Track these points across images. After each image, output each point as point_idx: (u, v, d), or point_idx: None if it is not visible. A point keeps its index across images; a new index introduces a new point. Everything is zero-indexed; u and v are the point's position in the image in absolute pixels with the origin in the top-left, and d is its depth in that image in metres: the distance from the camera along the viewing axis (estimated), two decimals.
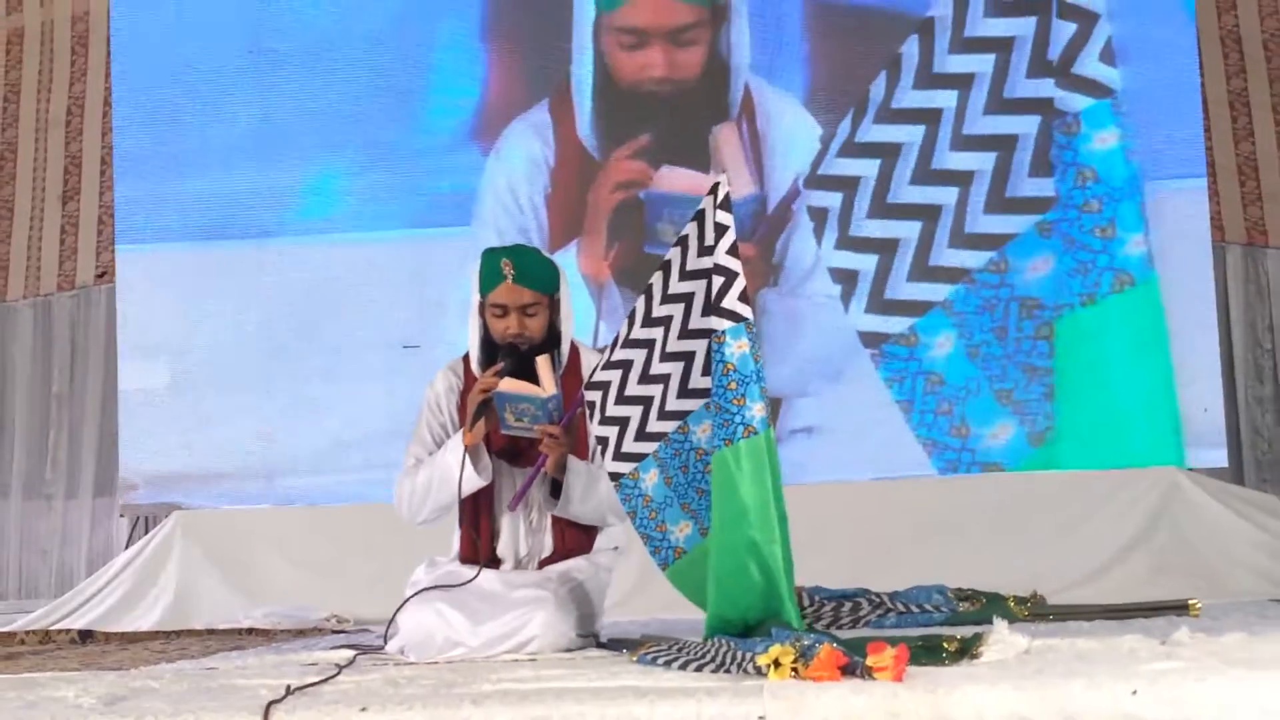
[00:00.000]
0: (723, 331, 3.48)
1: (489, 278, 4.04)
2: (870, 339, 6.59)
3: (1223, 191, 7.29)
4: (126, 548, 7.08)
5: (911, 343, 6.57)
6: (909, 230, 6.58)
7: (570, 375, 4.09)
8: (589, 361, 4.10)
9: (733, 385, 3.47)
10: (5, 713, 2.96)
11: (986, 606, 4.61)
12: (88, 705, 3.04)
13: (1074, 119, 6.53)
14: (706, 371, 3.63)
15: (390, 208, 6.90)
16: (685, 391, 3.73)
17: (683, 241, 3.74)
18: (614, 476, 3.82)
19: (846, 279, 6.62)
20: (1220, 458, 6.57)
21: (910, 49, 6.66)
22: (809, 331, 6.63)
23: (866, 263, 6.60)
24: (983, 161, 6.57)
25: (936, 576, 4.95)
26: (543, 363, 3.96)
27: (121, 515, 7.42)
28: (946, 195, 6.57)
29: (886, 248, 6.59)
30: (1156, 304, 6.44)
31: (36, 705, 3.08)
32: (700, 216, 3.69)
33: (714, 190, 3.66)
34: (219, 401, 6.89)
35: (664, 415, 3.76)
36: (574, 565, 4.12)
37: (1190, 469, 6.43)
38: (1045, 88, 6.55)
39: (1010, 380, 6.51)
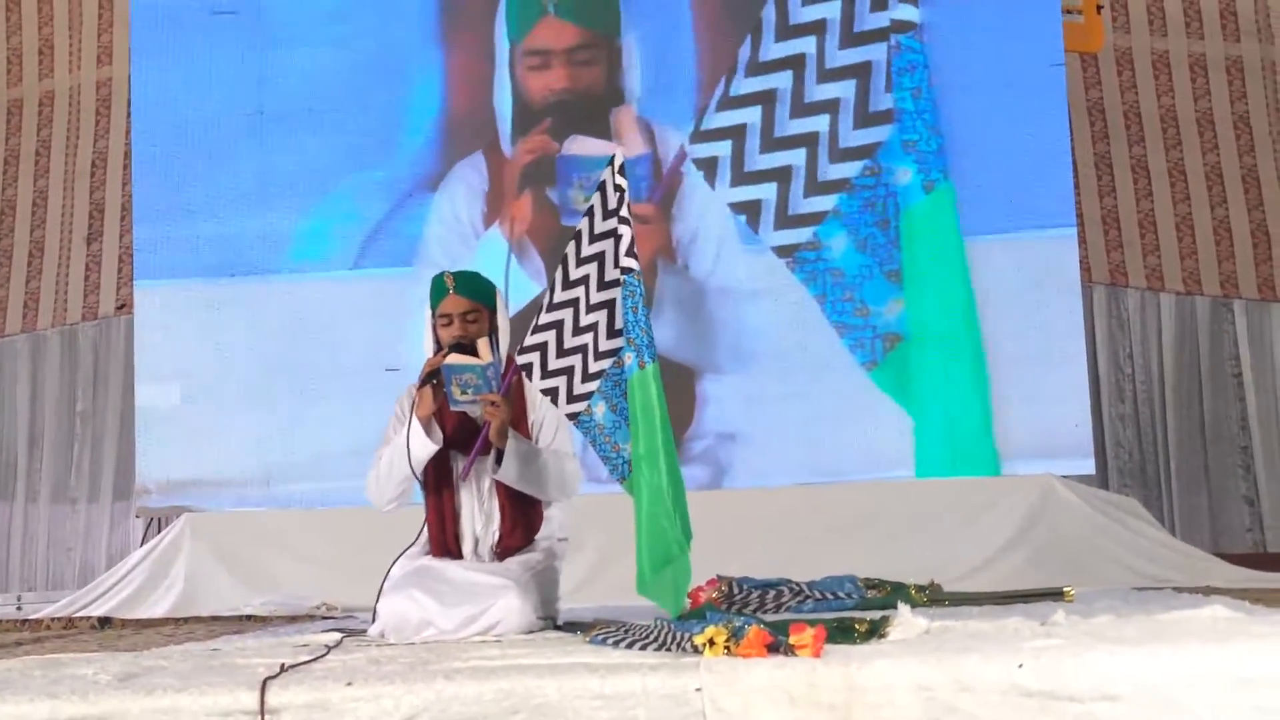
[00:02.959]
0: (638, 272, 3.66)
1: (436, 293, 4.11)
2: (784, 251, 6.72)
3: (1089, 239, 7.37)
4: (141, 545, 6.98)
5: (816, 247, 6.72)
6: (796, 157, 6.73)
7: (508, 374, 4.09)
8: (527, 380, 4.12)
9: (647, 316, 3.63)
10: (33, 688, 2.89)
11: (891, 593, 4.60)
12: (104, 681, 2.97)
13: (921, 29, 6.73)
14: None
15: (372, 248, 6.87)
16: (612, 333, 3.87)
17: (589, 212, 3.88)
18: (572, 417, 3.91)
19: (750, 208, 6.75)
20: (1089, 466, 6.61)
21: (768, 11, 6.81)
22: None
23: (768, 191, 6.73)
24: (845, 90, 6.73)
25: (848, 568, 4.94)
26: (482, 342, 3.98)
27: (137, 517, 7.34)
28: (820, 123, 6.73)
29: (781, 175, 6.73)
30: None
31: (59, 682, 3.01)
32: (602, 186, 3.82)
33: (611, 162, 3.80)
34: (224, 417, 6.82)
35: (599, 356, 3.86)
36: (531, 556, 4.08)
37: (1063, 476, 6.46)
38: (884, 19, 6.75)
39: (896, 262, 6.67)
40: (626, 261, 3.66)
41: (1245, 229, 7.50)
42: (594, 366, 3.89)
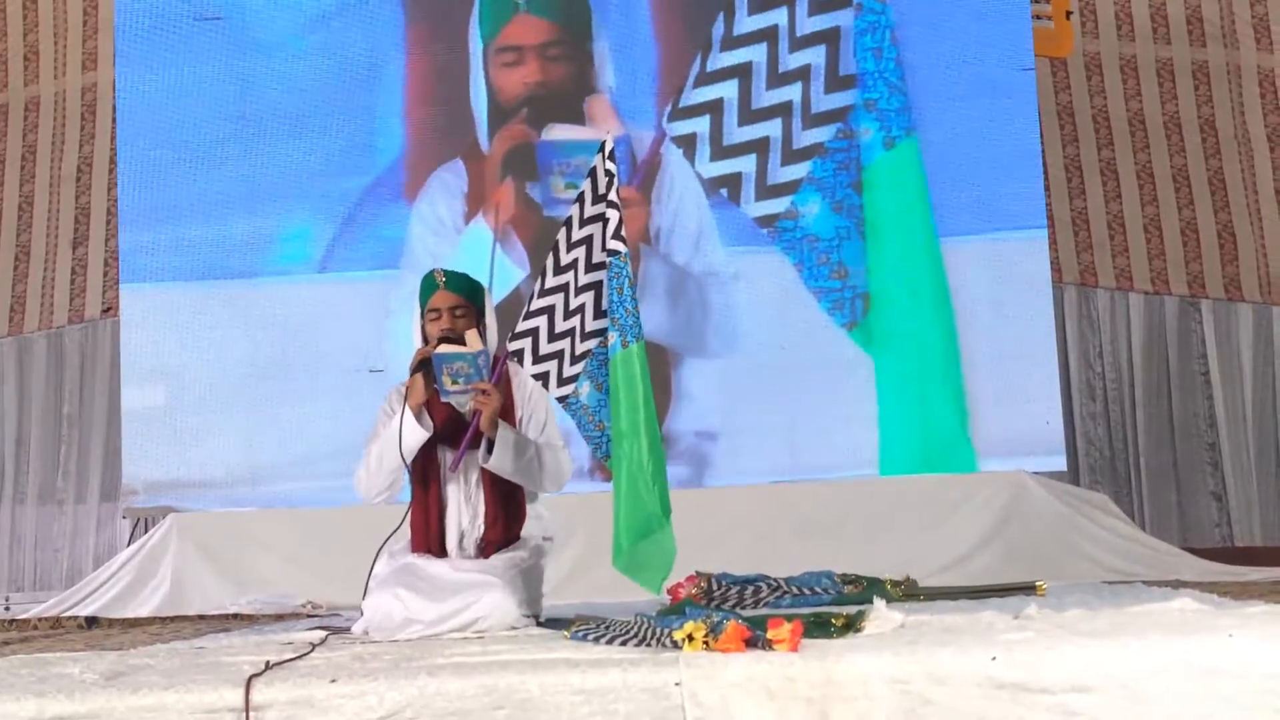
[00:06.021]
0: (625, 254, 3.66)
1: (426, 289, 4.13)
2: (764, 221, 6.68)
3: (1060, 240, 7.40)
4: (128, 545, 6.94)
5: (794, 216, 6.66)
6: (773, 128, 6.69)
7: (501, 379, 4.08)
8: (515, 371, 4.13)
9: (633, 296, 3.65)
10: (20, 687, 2.88)
11: (867, 589, 4.61)
12: (91, 680, 2.96)
13: None
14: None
15: (352, 252, 6.83)
16: (599, 314, 3.89)
17: (580, 197, 3.89)
18: (562, 400, 3.91)
19: (731, 182, 6.70)
20: (1060, 463, 6.63)
21: None
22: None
23: (747, 164, 6.69)
24: (816, 55, 6.70)
25: (825, 564, 4.95)
26: (470, 332, 3.99)
27: (124, 517, 7.30)
28: (793, 91, 6.69)
29: (759, 146, 6.68)
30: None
31: (46, 680, 3.00)
32: (593, 172, 3.83)
33: (602, 148, 3.82)
34: (209, 419, 6.78)
35: (586, 337, 3.87)
36: (517, 554, 4.08)
37: (1034, 473, 6.48)
38: None
39: None
40: (613, 244, 3.68)
41: (1212, 230, 7.53)
42: (580, 348, 3.91)
